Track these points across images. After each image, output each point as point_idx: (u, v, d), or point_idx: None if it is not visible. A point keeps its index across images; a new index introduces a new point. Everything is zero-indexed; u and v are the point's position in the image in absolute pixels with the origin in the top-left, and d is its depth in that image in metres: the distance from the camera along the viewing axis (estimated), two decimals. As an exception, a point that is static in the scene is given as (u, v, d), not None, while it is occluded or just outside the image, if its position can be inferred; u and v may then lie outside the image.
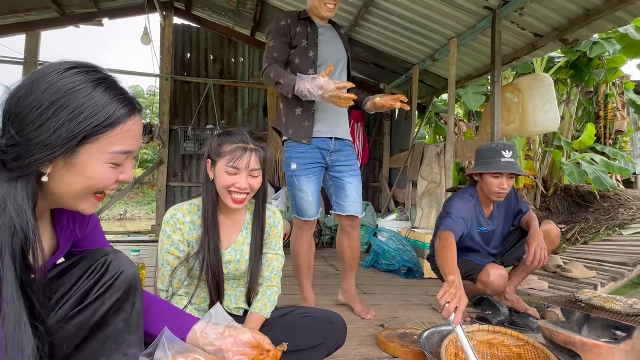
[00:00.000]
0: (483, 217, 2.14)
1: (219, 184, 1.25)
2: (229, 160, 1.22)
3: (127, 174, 0.82)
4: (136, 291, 0.92)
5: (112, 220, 15.09)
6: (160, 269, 1.29)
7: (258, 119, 5.40)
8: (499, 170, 1.94)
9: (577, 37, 3.10)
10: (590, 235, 5.20)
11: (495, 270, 1.92)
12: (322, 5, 1.93)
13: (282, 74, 1.79)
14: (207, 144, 1.30)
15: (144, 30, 4.72)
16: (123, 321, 0.90)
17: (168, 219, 1.29)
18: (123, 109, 0.76)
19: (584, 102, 7.40)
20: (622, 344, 1.30)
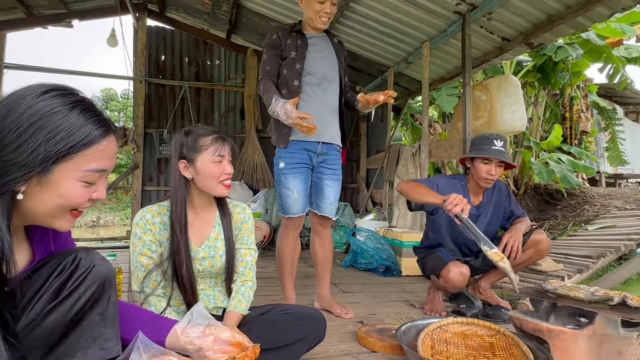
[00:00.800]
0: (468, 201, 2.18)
1: (208, 176, 1.28)
2: (214, 150, 1.27)
3: (101, 193, 0.84)
4: (111, 285, 0.92)
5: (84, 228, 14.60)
6: (135, 272, 1.29)
7: (235, 122, 5.38)
8: (488, 156, 2.04)
9: (541, 41, 3.25)
10: (559, 231, 5.43)
11: (456, 268, 1.97)
12: (317, 18, 2.04)
13: (267, 90, 1.94)
14: (176, 146, 1.31)
15: (111, 32, 4.62)
16: (99, 314, 0.89)
17: (137, 221, 1.29)
18: (98, 130, 0.79)
19: (551, 104, 7.72)
20: (585, 330, 1.38)
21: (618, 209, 5.72)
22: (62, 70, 4.87)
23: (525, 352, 1.34)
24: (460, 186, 2.18)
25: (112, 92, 22.21)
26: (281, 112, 1.77)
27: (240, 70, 5.39)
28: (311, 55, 2.05)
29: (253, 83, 5.21)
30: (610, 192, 6.99)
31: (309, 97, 2.03)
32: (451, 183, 2.17)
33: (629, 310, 1.38)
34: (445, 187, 2.12)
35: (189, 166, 1.29)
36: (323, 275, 2.21)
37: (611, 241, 3.76)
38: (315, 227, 2.20)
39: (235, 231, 1.42)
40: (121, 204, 16.52)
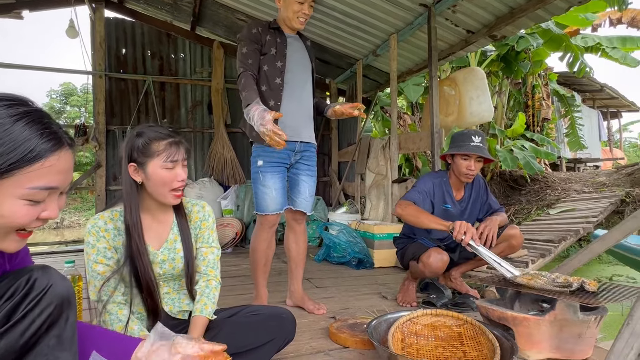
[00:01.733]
0: (450, 196, 2.25)
1: (158, 183, 1.21)
2: (167, 156, 1.20)
3: (52, 212, 0.77)
4: (69, 305, 0.87)
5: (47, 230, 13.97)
6: (92, 281, 1.23)
7: (203, 117, 5.24)
8: (467, 152, 2.10)
9: (504, 33, 3.33)
10: (524, 216, 5.65)
11: (436, 253, 2.03)
12: (295, 18, 2.03)
13: (248, 88, 1.87)
14: (126, 148, 1.24)
15: (70, 23, 4.37)
16: (55, 337, 0.84)
17: (89, 229, 1.23)
18: (46, 144, 0.72)
19: (514, 93, 7.98)
20: (547, 316, 1.44)
21: (577, 192, 6.00)
22: (13, 65, 4.57)
23: (491, 340, 1.37)
24: (443, 182, 2.25)
25: (71, 87, 21.19)
26: (258, 117, 1.70)
27: (207, 63, 5.24)
28: (290, 55, 2.04)
29: (220, 77, 5.08)
30: (570, 176, 7.33)
31: (288, 95, 2.02)
32: (435, 184, 2.23)
33: (587, 295, 1.45)
34: (431, 191, 2.20)
35: (139, 170, 1.22)
36: (296, 272, 2.21)
37: (571, 224, 3.95)
38: (289, 222, 2.20)
39: (195, 230, 1.38)
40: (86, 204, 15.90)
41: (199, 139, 5.21)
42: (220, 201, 4.64)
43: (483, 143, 2.13)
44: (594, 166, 11.02)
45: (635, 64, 6.73)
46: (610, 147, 13.43)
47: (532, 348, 1.46)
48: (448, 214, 2.23)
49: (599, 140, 11.98)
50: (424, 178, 2.27)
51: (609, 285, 1.59)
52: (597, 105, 12.57)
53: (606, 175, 6.84)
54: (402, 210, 2.09)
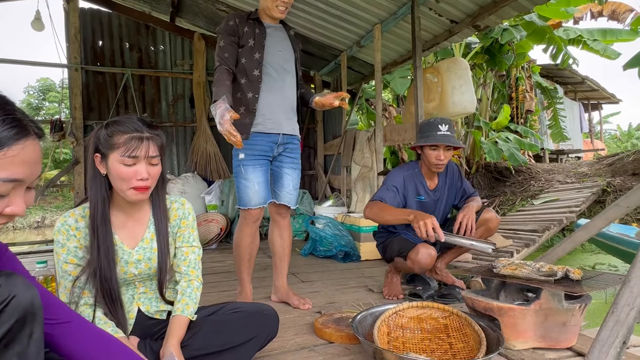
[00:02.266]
0: (424, 187, 2.21)
1: (117, 178, 1.13)
2: (124, 151, 1.11)
3: (18, 207, 0.70)
4: (34, 318, 0.79)
5: (28, 230, 13.61)
6: (61, 282, 1.16)
7: (185, 110, 5.12)
8: (435, 143, 2.05)
9: (487, 23, 3.31)
10: (508, 206, 5.71)
11: (424, 249, 2.00)
12: (274, 7, 1.97)
13: (220, 82, 1.84)
14: (92, 137, 1.17)
15: (36, 14, 4.19)
16: (17, 355, 0.77)
17: (59, 228, 1.16)
18: (8, 132, 0.67)
19: (498, 85, 8.03)
20: (532, 305, 1.43)
21: (560, 182, 6.10)
22: (-17, 58, 4.38)
23: (477, 331, 1.36)
24: (414, 174, 2.21)
25: (49, 82, 20.58)
26: (219, 115, 1.69)
27: (188, 55, 5.11)
28: (269, 46, 1.99)
29: (202, 69, 4.97)
30: (553, 167, 7.44)
31: (268, 87, 1.97)
32: (406, 177, 2.18)
33: (571, 283, 1.44)
34: (401, 185, 2.15)
35: (103, 162, 1.15)
36: (281, 267, 2.16)
37: (555, 214, 4.00)
38: (273, 216, 2.15)
39: (174, 229, 1.31)
40: (69, 202, 15.53)
41: (181, 133, 5.09)
42: (204, 196, 4.56)
43: (450, 131, 2.09)
44: (575, 157, 11.24)
45: (616, 55, 6.84)
46: (592, 138, 13.72)
47: (517, 338, 1.45)
48: (423, 206, 2.21)
49: (580, 131, 12.21)
50: (393, 173, 2.22)
51: (593, 274, 1.59)
52: (579, 98, 12.80)
53: (588, 165, 6.97)
54: (368, 212, 2.07)
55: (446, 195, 2.29)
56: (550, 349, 1.46)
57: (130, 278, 1.23)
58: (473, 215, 2.08)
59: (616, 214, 1.97)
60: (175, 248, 1.32)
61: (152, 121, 1.22)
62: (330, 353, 1.49)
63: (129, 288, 1.26)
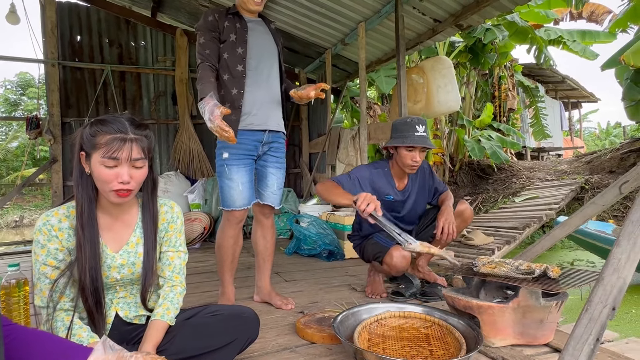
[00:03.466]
0: (393, 187, 2.18)
1: (98, 179, 1.10)
2: (105, 152, 1.07)
3: None
4: None
5: (5, 230, 13.22)
6: (38, 284, 1.12)
7: (167, 108, 5.03)
8: (413, 145, 2.02)
9: (470, 22, 3.34)
10: (490, 204, 5.80)
11: (397, 253, 1.98)
12: (250, 0, 1.93)
13: (204, 79, 1.82)
14: (77, 135, 1.13)
15: (11, 7, 4.06)
16: None
17: (40, 227, 1.11)
18: None
19: (481, 84, 8.14)
20: (510, 303, 1.45)
21: (541, 180, 6.22)
22: (-46, 52, 4.22)
23: (458, 338, 1.37)
24: (384, 173, 2.17)
25: (28, 77, 19.97)
26: (208, 112, 1.65)
27: (170, 52, 5.02)
28: (252, 40, 1.95)
29: (184, 66, 4.89)
30: (534, 165, 7.58)
31: (253, 82, 1.94)
32: (373, 173, 2.15)
33: (549, 281, 1.46)
34: (366, 179, 2.10)
35: (87, 161, 1.12)
36: (264, 267, 2.14)
37: (535, 211, 4.07)
38: (257, 216, 2.12)
39: (161, 233, 1.28)
40: (47, 201, 15.14)
41: (164, 130, 5.00)
42: (187, 195, 4.49)
43: (426, 132, 2.08)
44: (556, 155, 11.49)
45: (594, 56, 7.00)
46: (571, 136, 14.04)
47: (496, 335, 1.47)
48: (393, 205, 2.19)
49: (560, 129, 12.48)
50: (361, 167, 2.18)
51: (570, 271, 1.62)
52: (559, 96, 13.07)
53: (567, 163, 7.12)
54: (320, 186, 2.00)
55: (416, 195, 2.26)
56: (528, 345, 1.48)
57: (111, 282, 1.19)
58: (453, 219, 2.08)
59: (593, 211, 2.02)
60: (161, 252, 1.28)
61: (141, 122, 1.17)
62: (312, 354, 1.49)
63: (109, 292, 1.22)
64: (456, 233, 2.12)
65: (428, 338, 1.47)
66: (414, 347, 1.42)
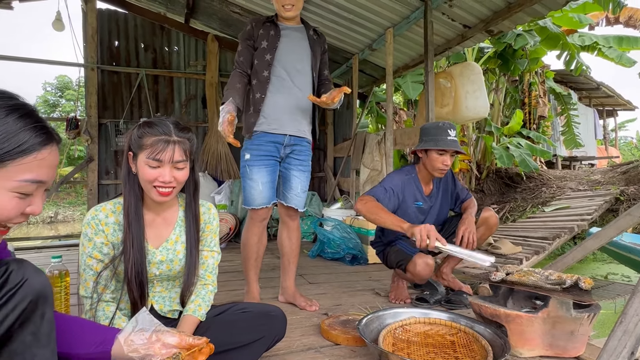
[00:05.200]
0: (421, 193, 2.19)
1: (142, 178, 1.17)
2: (150, 153, 1.14)
3: (36, 207, 0.76)
4: (46, 301, 0.84)
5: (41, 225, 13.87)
6: (83, 275, 1.19)
7: (197, 111, 5.18)
8: (445, 148, 2.03)
9: (500, 28, 3.30)
10: (518, 213, 5.66)
11: (421, 260, 1.98)
12: (281, 8, 2.02)
13: (231, 85, 1.95)
14: (127, 136, 1.21)
15: (57, 15, 4.29)
16: (31, 334, 0.81)
17: (89, 221, 1.19)
18: (38, 138, 0.73)
19: (511, 90, 7.96)
20: (539, 313, 1.42)
21: (572, 190, 6.02)
22: (5, 56, 4.49)
23: (485, 346, 1.35)
24: (412, 179, 2.18)
25: (67, 80, 20.95)
26: (221, 116, 1.82)
27: (201, 56, 5.17)
28: (282, 47, 2.02)
29: (214, 70, 5.03)
30: (565, 174, 7.34)
31: (275, 89, 2.00)
32: (404, 180, 2.15)
33: (581, 292, 1.43)
34: (399, 188, 2.11)
35: (134, 160, 1.19)
36: (289, 268, 2.18)
37: (566, 222, 3.95)
38: (283, 218, 2.17)
39: (199, 230, 1.34)
40: (81, 198, 15.78)
41: (193, 133, 5.15)
42: (214, 196, 4.60)
43: (456, 136, 2.10)
44: (589, 164, 11.08)
45: (631, 64, 6.73)
46: (606, 145, 13.49)
47: (524, 345, 1.45)
48: (421, 211, 2.19)
49: (594, 138, 12.03)
50: (392, 175, 2.18)
51: (603, 283, 1.57)
52: (593, 104, 12.61)
53: (601, 173, 6.86)
54: (362, 206, 1.98)
55: (441, 201, 2.26)
56: (557, 357, 1.45)
57: (150, 277, 1.25)
58: (474, 228, 2.06)
59: (628, 223, 1.95)
60: (199, 251, 1.34)
61: (185, 125, 1.24)
62: (336, 355, 1.50)
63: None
64: (477, 242, 2.10)
65: (454, 345, 1.46)
66: (439, 354, 1.41)
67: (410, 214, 2.16)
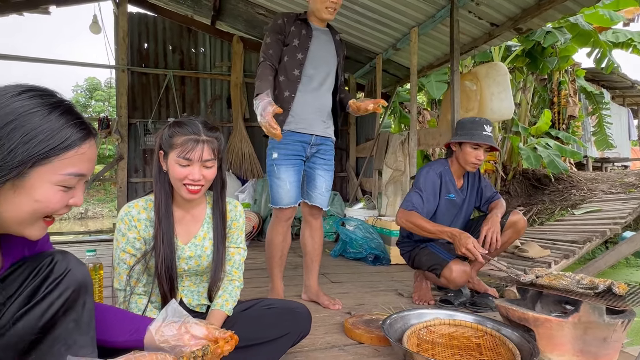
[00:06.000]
0: (454, 186, 2.19)
1: (172, 176, 1.22)
2: (180, 152, 1.18)
3: (78, 199, 0.80)
4: (87, 291, 0.89)
5: (72, 220, 14.42)
6: (117, 268, 1.24)
7: (222, 111, 5.28)
8: (480, 142, 2.03)
9: (530, 26, 3.22)
10: (546, 216, 5.49)
11: (458, 267, 1.97)
12: (324, 9, 2.00)
13: (262, 77, 1.89)
14: (158, 135, 1.26)
15: (93, 19, 4.47)
16: (73, 321, 0.86)
17: (122, 217, 1.24)
18: (79, 133, 0.77)
19: (539, 89, 7.73)
20: (570, 318, 1.38)
21: (604, 192, 5.79)
22: (41, 59, 4.71)
23: (512, 350, 1.33)
24: (445, 171, 2.18)
25: (96, 82, 21.71)
26: (261, 107, 1.74)
27: (226, 57, 5.27)
28: (313, 48, 2.03)
29: (239, 71, 5.11)
30: (596, 176, 7.07)
31: (305, 88, 2.01)
32: (439, 174, 2.15)
33: (614, 297, 1.38)
34: (437, 185, 2.12)
35: (165, 159, 1.23)
36: (312, 266, 2.20)
37: (597, 225, 3.80)
38: (306, 217, 2.19)
39: (226, 227, 1.37)
40: (109, 196, 16.32)
41: (221, 132, 5.25)
42: (238, 195, 4.68)
43: (492, 132, 2.09)
44: (622, 166, 10.63)
45: (669, 60, 6.41)
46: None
47: (553, 350, 1.41)
48: (452, 204, 2.18)
49: (628, 139, 11.51)
50: (425, 171, 2.16)
51: (638, 289, 1.52)
52: (628, 103, 12.09)
53: (636, 175, 6.57)
54: (403, 222, 2.06)
55: (468, 196, 2.26)
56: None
57: (179, 272, 1.29)
58: (498, 228, 2.02)
59: (666, 227, 1.87)
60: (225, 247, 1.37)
61: (213, 125, 1.28)
62: (360, 353, 1.51)
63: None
64: (503, 245, 2.06)
65: (480, 348, 1.44)
66: (465, 356, 1.40)
67: (442, 207, 2.14)
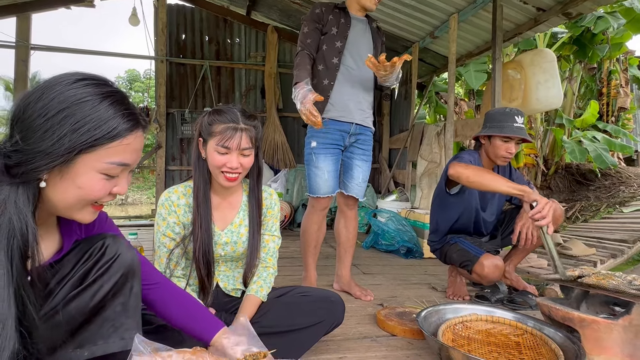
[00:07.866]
0: None
1: (211, 163, 1.24)
2: (219, 140, 1.20)
3: (122, 187, 0.82)
4: (134, 275, 0.91)
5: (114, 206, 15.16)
6: (157, 251, 1.29)
7: (256, 101, 5.33)
8: (511, 135, 1.92)
9: (580, 10, 3.02)
10: (591, 213, 5.20)
11: (489, 262, 1.89)
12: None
13: (301, 66, 1.88)
14: (198, 123, 1.28)
15: (133, 11, 4.61)
16: (121, 304, 0.89)
17: (163, 202, 1.28)
18: (126, 124, 0.78)
19: (586, 79, 7.28)
20: (620, 320, 1.30)
21: (657, 190, 5.41)
22: (85, 50, 4.92)
23: (554, 350, 1.27)
24: (476, 162, 2.05)
25: (135, 73, 22.52)
26: (301, 95, 1.74)
27: (261, 47, 5.30)
28: (351, 36, 2.01)
29: (273, 61, 5.13)
30: (648, 173, 6.61)
31: (344, 76, 2.00)
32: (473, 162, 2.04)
33: (671, 301, 1.29)
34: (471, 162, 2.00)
35: (204, 146, 1.26)
36: (344, 257, 2.19)
37: (649, 225, 3.57)
38: (341, 207, 2.18)
39: (262, 214, 1.39)
40: (148, 183, 16.98)
41: (259, 120, 5.32)
42: (271, 184, 4.74)
43: (524, 123, 1.97)
44: (677, 162, 9.87)
45: None
46: (699, 141, 11.93)
47: (600, 353, 1.33)
48: (484, 196, 2.10)
49: (685, 133, 10.67)
50: (464, 155, 2.03)
51: (698, 293, 1.40)
52: (686, 94, 11.16)
53: (693, 172, 6.10)
54: (463, 169, 1.80)
55: None
56: (639, 370, 1.32)
57: (215, 258, 1.32)
58: (532, 223, 1.91)
59: None
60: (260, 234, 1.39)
61: (251, 113, 1.29)
62: (393, 345, 1.50)
63: None
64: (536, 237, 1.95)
65: (519, 346, 1.39)
66: (503, 354, 1.35)
67: (471, 200, 2.07)
